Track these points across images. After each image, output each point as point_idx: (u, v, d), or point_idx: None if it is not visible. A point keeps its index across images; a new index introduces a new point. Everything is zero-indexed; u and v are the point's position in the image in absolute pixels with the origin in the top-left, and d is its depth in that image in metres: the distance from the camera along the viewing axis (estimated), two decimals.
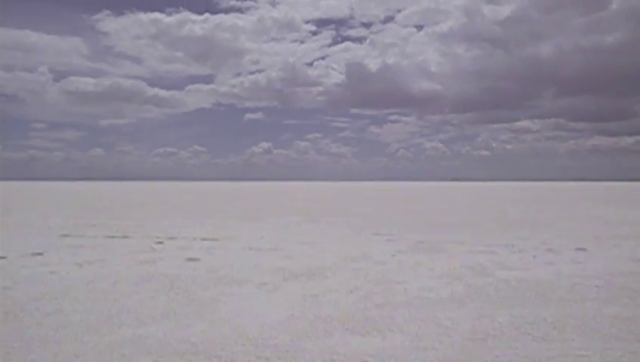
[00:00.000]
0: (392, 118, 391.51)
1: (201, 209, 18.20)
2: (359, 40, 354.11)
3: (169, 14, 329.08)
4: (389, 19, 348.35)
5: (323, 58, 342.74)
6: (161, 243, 8.51)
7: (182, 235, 9.70)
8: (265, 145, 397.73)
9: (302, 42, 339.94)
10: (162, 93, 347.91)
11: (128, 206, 20.31)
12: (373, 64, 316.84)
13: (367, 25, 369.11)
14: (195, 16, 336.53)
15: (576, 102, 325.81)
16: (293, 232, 10.30)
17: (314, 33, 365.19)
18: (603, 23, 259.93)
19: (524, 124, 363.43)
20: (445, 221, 13.16)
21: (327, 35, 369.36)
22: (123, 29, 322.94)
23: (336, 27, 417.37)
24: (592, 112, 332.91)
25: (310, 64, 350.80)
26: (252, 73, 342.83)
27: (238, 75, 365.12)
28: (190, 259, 6.86)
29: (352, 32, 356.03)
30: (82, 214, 15.69)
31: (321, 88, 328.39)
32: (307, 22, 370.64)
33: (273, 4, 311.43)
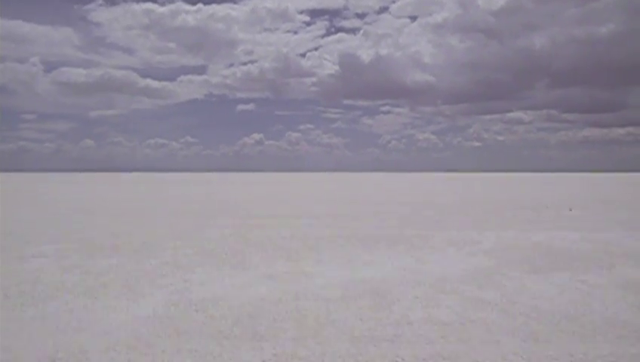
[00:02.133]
0: (385, 109, 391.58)
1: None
2: (353, 31, 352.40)
3: (162, 4, 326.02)
4: (383, 9, 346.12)
5: (316, 49, 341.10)
6: None
7: None
8: (256, 136, 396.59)
9: (295, 33, 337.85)
10: (154, 83, 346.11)
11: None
12: (366, 55, 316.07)
13: (361, 15, 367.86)
14: (188, 7, 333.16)
15: (569, 94, 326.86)
16: None
17: (307, 24, 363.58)
18: (597, 13, 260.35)
19: (517, 115, 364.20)
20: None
21: (320, 25, 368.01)
22: (115, 19, 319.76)
23: (330, 18, 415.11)
24: (584, 104, 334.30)
25: (303, 55, 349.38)
26: (245, 64, 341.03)
27: (231, 65, 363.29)
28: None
29: (346, 23, 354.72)
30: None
31: (314, 79, 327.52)
32: (301, 12, 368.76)
33: None
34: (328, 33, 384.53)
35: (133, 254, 8.60)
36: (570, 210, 17.95)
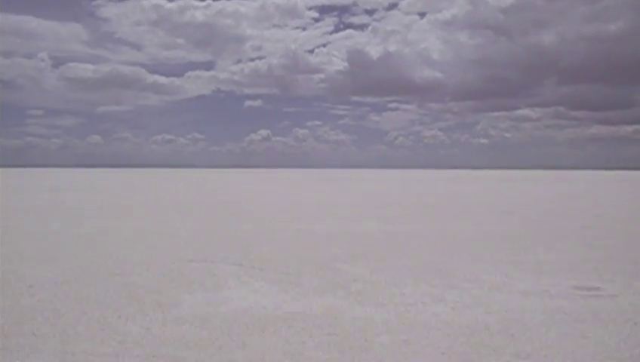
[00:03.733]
0: (392, 105, 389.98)
1: None
2: (361, 27, 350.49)
3: (171, 0, 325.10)
4: (392, 6, 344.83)
5: (324, 45, 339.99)
6: None
7: None
8: (264, 132, 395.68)
9: (304, 29, 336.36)
10: (162, 79, 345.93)
11: None
12: (374, 51, 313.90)
13: (370, 12, 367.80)
14: (197, 2, 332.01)
15: (577, 91, 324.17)
16: None
17: (316, 20, 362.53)
18: (606, 11, 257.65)
19: (524, 112, 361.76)
20: None
21: (329, 21, 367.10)
22: (124, 14, 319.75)
23: (338, 14, 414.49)
24: (592, 101, 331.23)
25: (311, 51, 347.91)
26: (253, 60, 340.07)
27: (239, 61, 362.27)
28: None
29: (355, 19, 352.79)
30: None
31: (322, 75, 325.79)
32: (310, 8, 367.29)
33: None
34: (337, 29, 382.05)
35: None
36: None
